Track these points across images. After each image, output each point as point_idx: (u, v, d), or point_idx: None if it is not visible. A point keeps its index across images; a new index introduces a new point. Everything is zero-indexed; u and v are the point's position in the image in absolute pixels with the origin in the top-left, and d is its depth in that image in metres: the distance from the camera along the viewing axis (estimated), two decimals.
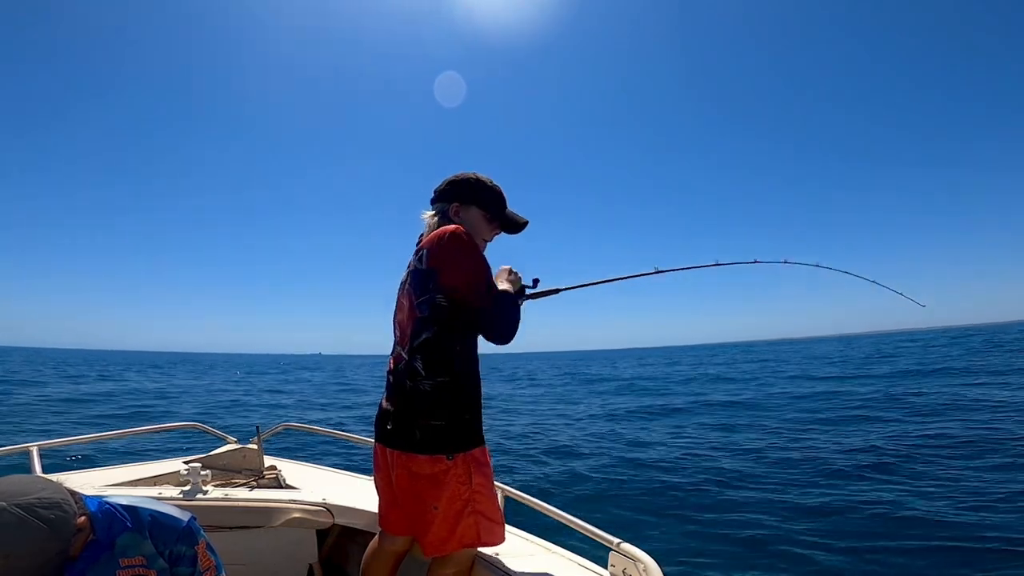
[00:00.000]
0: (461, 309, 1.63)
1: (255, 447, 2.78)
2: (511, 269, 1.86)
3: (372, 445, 1.80)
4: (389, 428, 1.67)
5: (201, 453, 2.83)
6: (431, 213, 1.81)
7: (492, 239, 1.84)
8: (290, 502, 2.26)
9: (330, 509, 2.26)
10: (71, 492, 1.15)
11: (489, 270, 1.70)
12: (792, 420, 10.98)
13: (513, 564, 1.80)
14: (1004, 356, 24.13)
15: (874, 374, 20.35)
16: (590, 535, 1.78)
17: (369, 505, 2.25)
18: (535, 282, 1.92)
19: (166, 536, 1.30)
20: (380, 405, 1.75)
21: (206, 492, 2.30)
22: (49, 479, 1.16)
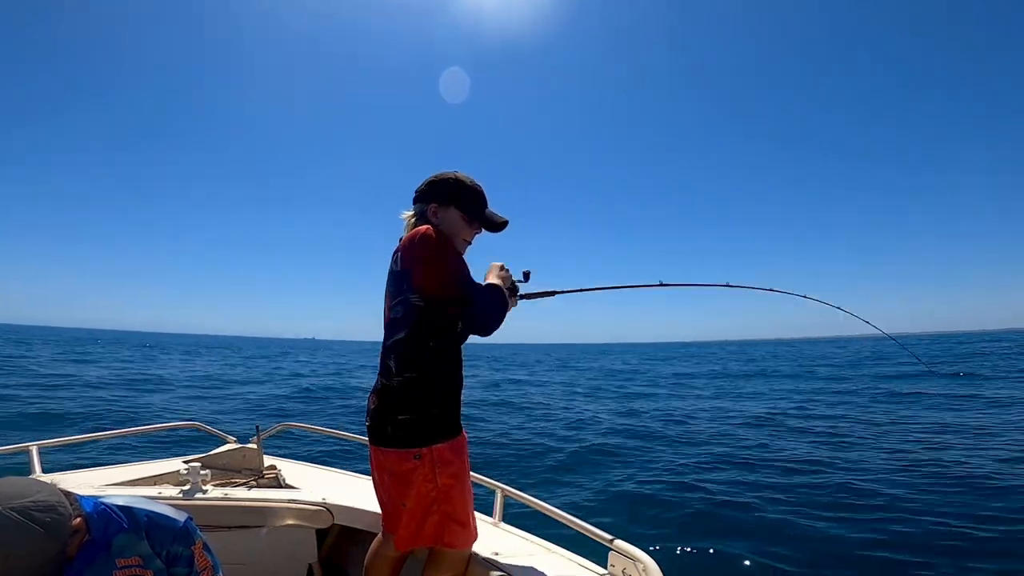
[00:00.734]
0: (435, 309, 1.64)
1: (255, 447, 2.78)
2: (503, 265, 1.87)
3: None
4: (368, 424, 1.73)
5: (200, 453, 2.84)
6: (410, 213, 1.82)
7: (473, 239, 1.83)
8: (290, 502, 2.26)
9: (330, 509, 2.26)
10: (66, 493, 1.16)
11: (464, 268, 1.70)
12: (794, 420, 10.99)
13: (512, 564, 1.80)
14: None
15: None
16: (589, 534, 1.78)
17: (369, 505, 2.25)
18: (526, 275, 1.89)
19: (162, 536, 1.31)
20: (367, 403, 1.79)
21: (206, 492, 2.30)
22: (43, 481, 1.16)
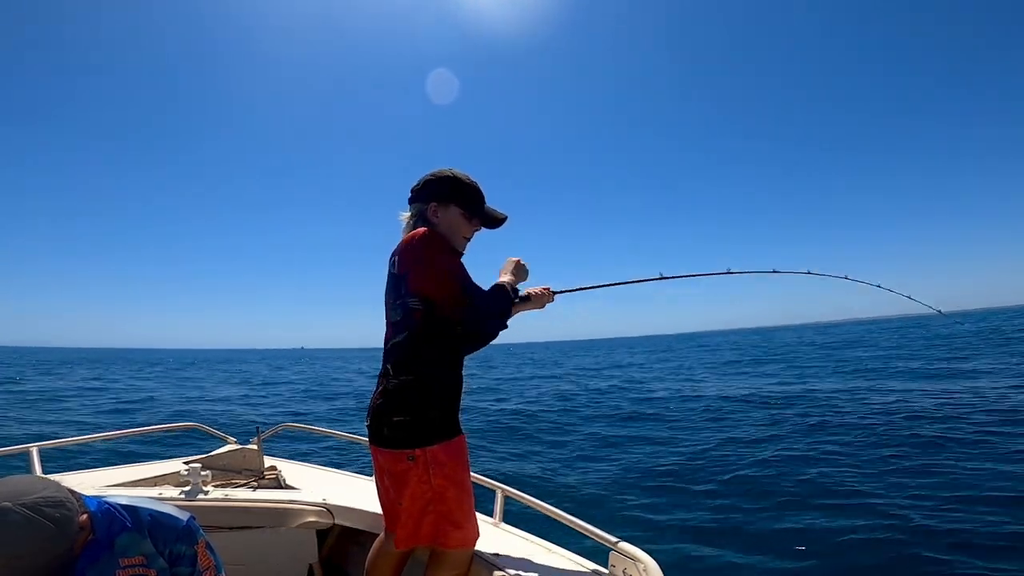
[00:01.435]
0: (433, 311, 1.64)
1: (255, 447, 2.79)
2: (519, 261, 1.86)
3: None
4: (367, 424, 1.73)
5: (201, 453, 2.84)
6: (408, 214, 1.81)
7: (472, 236, 1.83)
8: (290, 502, 2.26)
9: (330, 509, 2.26)
10: (70, 491, 1.16)
11: (462, 270, 1.70)
12: (796, 420, 10.98)
13: (513, 564, 1.80)
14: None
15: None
16: (589, 535, 1.78)
17: (369, 505, 2.26)
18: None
19: (166, 535, 1.31)
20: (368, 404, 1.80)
21: (206, 492, 2.30)
22: (49, 478, 1.16)
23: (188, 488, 2.31)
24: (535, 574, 1.75)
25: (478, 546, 1.80)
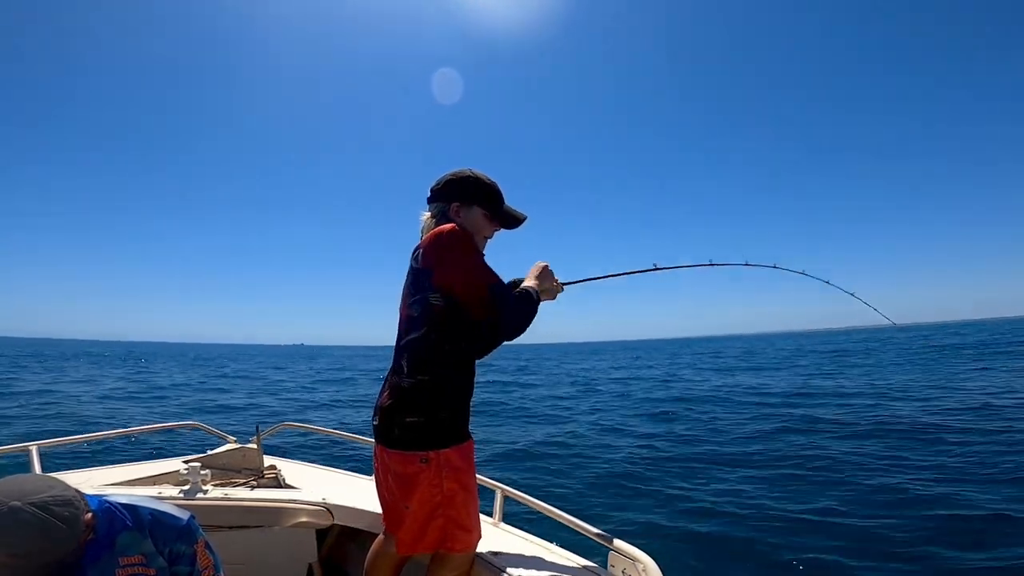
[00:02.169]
0: (455, 309, 1.61)
1: (255, 447, 2.78)
2: (547, 266, 1.81)
3: (372, 444, 1.80)
4: (375, 424, 1.69)
5: (200, 453, 2.83)
6: (428, 213, 1.79)
7: (493, 235, 1.82)
8: (290, 502, 2.26)
9: (330, 509, 2.26)
10: (76, 490, 1.16)
11: (487, 268, 1.68)
12: (797, 419, 10.98)
13: (513, 564, 1.80)
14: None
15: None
16: (590, 535, 1.78)
17: (369, 505, 2.25)
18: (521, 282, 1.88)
19: (166, 534, 1.31)
20: (376, 401, 1.76)
21: (206, 492, 2.30)
22: (55, 477, 1.16)
23: (188, 487, 2.31)
24: (535, 574, 1.75)
25: (478, 546, 1.80)
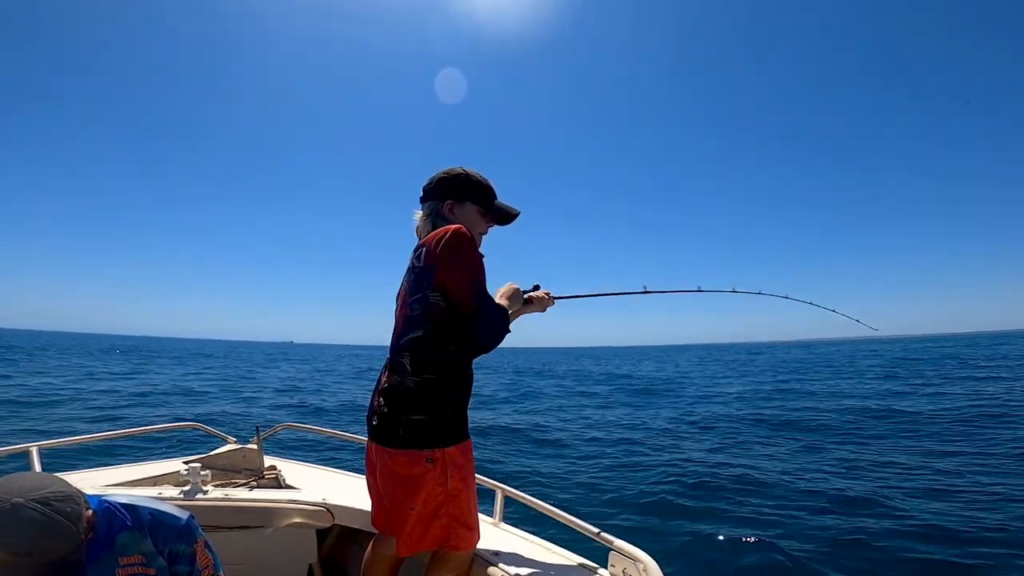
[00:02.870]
0: (454, 308, 1.62)
1: (255, 447, 2.78)
2: (517, 289, 1.86)
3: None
4: (375, 424, 1.68)
5: (201, 453, 2.83)
6: (422, 212, 1.80)
7: (487, 232, 1.84)
8: (290, 502, 2.26)
9: (330, 509, 2.26)
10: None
11: (483, 273, 1.69)
12: (797, 420, 10.99)
13: (513, 564, 1.80)
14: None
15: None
16: (590, 535, 1.78)
17: (369, 505, 2.25)
18: (536, 288, 1.97)
19: (166, 534, 1.31)
20: (370, 401, 1.75)
21: (206, 492, 2.30)
22: (55, 475, 1.16)
23: (188, 488, 2.30)
24: (535, 574, 1.75)
25: (478, 545, 1.80)
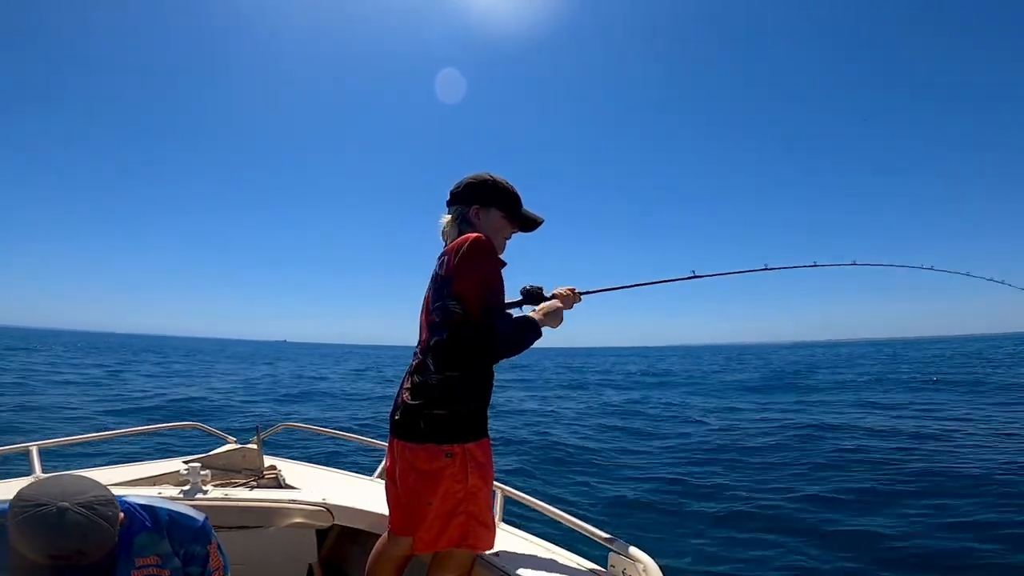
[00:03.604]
0: (470, 316, 1.63)
1: (255, 447, 2.78)
2: (562, 307, 1.81)
3: (372, 444, 1.80)
4: (397, 419, 1.70)
5: (201, 453, 2.83)
6: (448, 216, 1.81)
7: (511, 237, 1.85)
8: (290, 502, 2.26)
9: (330, 509, 2.26)
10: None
11: (497, 283, 1.69)
12: (795, 423, 11.00)
13: (513, 564, 1.80)
14: None
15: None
16: (590, 535, 1.78)
17: (369, 505, 2.26)
18: (539, 290, 1.91)
19: (183, 535, 1.32)
20: (394, 399, 1.78)
21: (206, 492, 2.30)
22: (88, 477, 1.16)
23: (188, 487, 2.30)
24: (535, 574, 1.75)
25: None
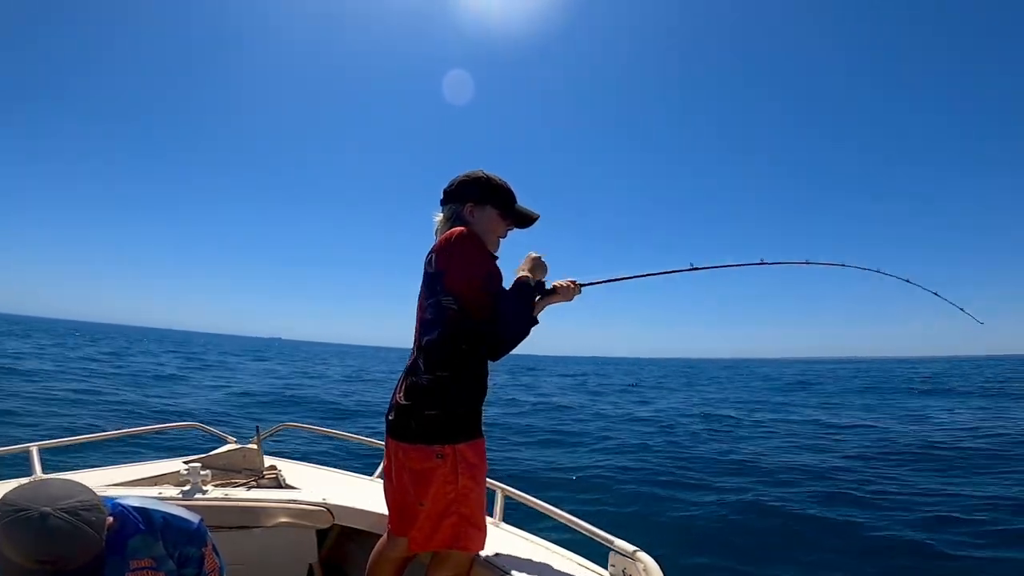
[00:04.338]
0: (467, 312, 1.63)
1: (255, 447, 2.78)
2: (538, 257, 1.80)
3: (372, 444, 1.80)
4: (391, 419, 1.71)
5: (200, 453, 2.83)
6: (442, 215, 1.81)
7: (506, 235, 1.84)
8: (290, 502, 2.26)
9: (330, 509, 2.26)
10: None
11: (495, 274, 1.69)
12: (796, 424, 11.00)
13: (513, 564, 1.80)
14: None
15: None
16: (590, 535, 1.78)
17: (369, 505, 2.26)
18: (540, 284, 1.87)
19: (177, 537, 1.31)
20: (389, 400, 1.78)
21: (206, 492, 2.30)
22: (78, 481, 1.15)
23: (188, 488, 2.30)
24: (535, 574, 1.75)
25: None
